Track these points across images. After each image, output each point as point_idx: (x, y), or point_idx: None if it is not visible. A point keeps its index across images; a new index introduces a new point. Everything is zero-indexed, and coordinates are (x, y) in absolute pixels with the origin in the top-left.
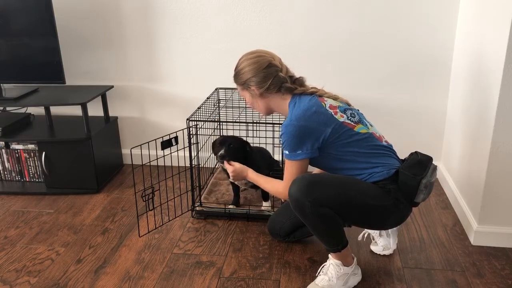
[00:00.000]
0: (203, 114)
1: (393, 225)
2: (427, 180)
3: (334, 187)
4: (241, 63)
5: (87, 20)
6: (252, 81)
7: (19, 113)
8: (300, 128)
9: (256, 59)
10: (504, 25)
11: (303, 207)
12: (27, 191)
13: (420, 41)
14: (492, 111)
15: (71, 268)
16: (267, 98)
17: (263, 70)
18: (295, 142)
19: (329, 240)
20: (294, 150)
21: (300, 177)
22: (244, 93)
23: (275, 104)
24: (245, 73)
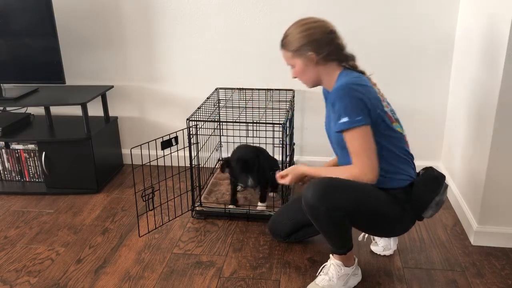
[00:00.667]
0: (203, 114)
1: (396, 235)
2: (440, 198)
3: (351, 193)
4: (298, 27)
5: (87, 20)
6: (311, 45)
7: (19, 113)
8: (356, 92)
9: (317, 23)
10: (504, 24)
11: (318, 213)
12: (27, 191)
13: (420, 41)
14: (492, 111)
15: (71, 268)
16: (321, 67)
17: (326, 34)
18: (353, 105)
19: (337, 242)
20: (354, 116)
21: (316, 181)
22: (295, 61)
23: (326, 75)
24: (304, 37)
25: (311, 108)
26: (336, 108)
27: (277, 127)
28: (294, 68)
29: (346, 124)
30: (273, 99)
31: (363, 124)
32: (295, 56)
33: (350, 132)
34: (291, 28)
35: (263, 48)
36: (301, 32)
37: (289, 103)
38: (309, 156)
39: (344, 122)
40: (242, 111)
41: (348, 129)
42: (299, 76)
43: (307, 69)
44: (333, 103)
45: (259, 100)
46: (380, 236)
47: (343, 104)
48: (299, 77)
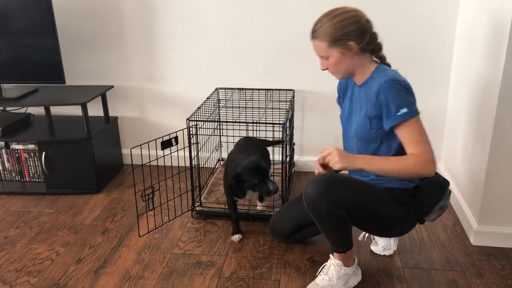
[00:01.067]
0: (203, 114)
1: (396, 235)
2: (444, 203)
3: (352, 190)
4: (336, 16)
5: (87, 20)
6: (352, 34)
7: (19, 113)
8: (406, 83)
9: (355, 12)
10: (504, 24)
11: (319, 207)
12: (27, 191)
13: (420, 41)
14: (492, 111)
15: (71, 268)
16: (357, 57)
17: (364, 23)
18: (409, 96)
19: (337, 241)
20: (411, 105)
21: (317, 177)
22: (331, 51)
23: (360, 67)
24: (344, 25)
25: (311, 108)
26: (388, 102)
27: (277, 127)
28: (326, 60)
29: (407, 114)
30: (273, 99)
31: (419, 113)
32: (333, 46)
33: (410, 121)
34: (326, 17)
35: (263, 48)
36: (341, 21)
37: (289, 103)
38: (309, 156)
39: (404, 112)
40: (242, 111)
41: (409, 119)
42: (333, 67)
43: (343, 59)
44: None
45: (259, 100)
46: (380, 236)
47: (400, 96)
48: (333, 68)
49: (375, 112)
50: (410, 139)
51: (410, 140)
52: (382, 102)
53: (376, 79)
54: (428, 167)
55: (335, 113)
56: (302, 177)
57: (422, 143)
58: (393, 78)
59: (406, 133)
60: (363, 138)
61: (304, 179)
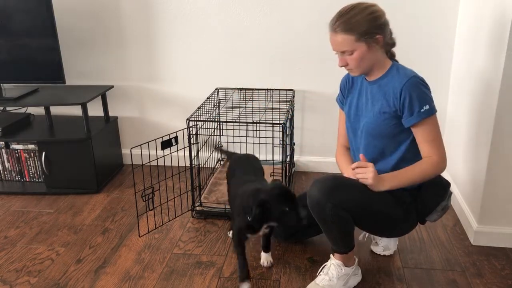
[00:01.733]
0: (203, 114)
1: (396, 236)
2: (446, 204)
3: (356, 191)
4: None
5: (87, 20)
6: (380, 28)
7: (19, 113)
8: (425, 82)
9: (376, 7)
10: (504, 24)
11: (324, 209)
12: (27, 191)
13: (420, 41)
14: (492, 111)
15: (71, 268)
16: (379, 52)
17: (385, 17)
18: (429, 94)
19: (339, 242)
20: (431, 103)
21: (321, 179)
22: (358, 45)
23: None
24: (373, 19)
25: (311, 108)
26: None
27: (277, 127)
28: (350, 55)
29: (429, 111)
30: (273, 99)
31: (436, 111)
32: (360, 40)
33: (430, 118)
34: (353, 11)
35: (263, 48)
36: (369, 14)
37: (289, 103)
38: (309, 156)
39: (427, 109)
40: (242, 111)
41: (429, 116)
42: (356, 62)
43: (368, 54)
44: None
45: (259, 100)
46: (381, 236)
47: (424, 94)
48: (355, 63)
49: (391, 109)
50: (428, 137)
51: (428, 137)
52: (405, 99)
53: (396, 76)
54: (442, 166)
55: (335, 113)
56: (302, 177)
57: (438, 142)
58: (417, 76)
59: (425, 130)
60: (373, 134)
61: (304, 179)
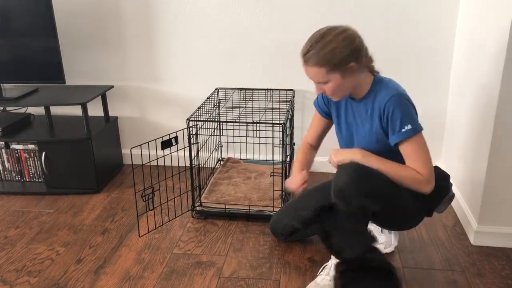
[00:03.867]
0: (203, 114)
1: (407, 228)
2: (452, 194)
3: (384, 185)
4: (333, 38)
5: (87, 20)
6: (353, 55)
7: (19, 113)
8: (409, 98)
9: (347, 32)
10: (504, 25)
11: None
12: (27, 191)
13: (420, 41)
14: (492, 111)
15: (71, 268)
16: (358, 76)
17: (359, 40)
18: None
19: None
20: (415, 122)
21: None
22: (332, 76)
23: (360, 83)
24: (344, 47)
25: (311, 108)
26: (396, 118)
27: (277, 127)
28: (325, 84)
29: (410, 131)
30: (273, 99)
31: (422, 129)
32: (333, 71)
33: (413, 138)
34: (320, 43)
35: (263, 48)
36: (340, 43)
37: (289, 103)
38: None
39: (408, 129)
40: (242, 111)
41: (413, 136)
42: (333, 91)
43: (344, 82)
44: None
45: (259, 100)
46: (392, 229)
47: (406, 111)
48: (332, 91)
49: (379, 126)
50: (412, 156)
51: (412, 157)
52: (388, 117)
53: (379, 92)
54: (426, 187)
55: None
56: None
57: (423, 161)
58: (399, 92)
59: (409, 150)
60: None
61: None
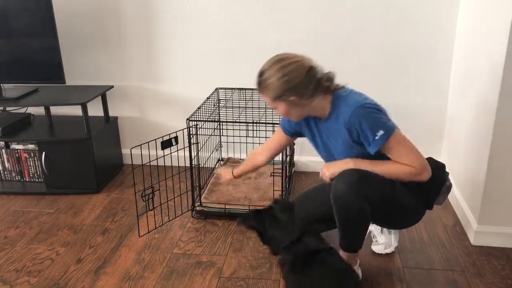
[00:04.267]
0: (203, 114)
1: (410, 225)
2: (449, 184)
3: (381, 185)
4: (275, 71)
5: (87, 20)
6: (293, 91)
7: (19, 113)
8: (372, 104)
9: (294, 64)
10: (504, 25)
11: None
12: (27, 191)
13: (420, 41)
14: (492, 111)
15: (71, 268)
16: (303, 105)
17: (305, 76)
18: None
19: (354, 240)
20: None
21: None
22: (278, 104)
23: (315, 106)
24: (283, 83)
25: None
26: (365, 129)
27: (277, 127)
28: (276, 109)
29: (385, 135)
30: None
31: (395, 127)
32: (277, 101)
33: (390, 140)
34: (267, 72)
35: (263, 48)
36: (279, 79)
37: None
38: (309, 156)
39: (382, 135)
40: (242, 111)
41: (389, 138)
42: (286, 115)
43: (291, 108)
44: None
45: (259, 100)
46: (393, 228)
47: (372, 119)
48: (285, 116)
49: (353, 138)
50: (397, 155)
51: (397, 155)
52: (357, 130)
53: (340, 109)
54: (424, 176)
55: None
56: (302, 177)
57: (411, 155)
58: (359, 104)
59: (391, 151)
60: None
61: (304, 179)
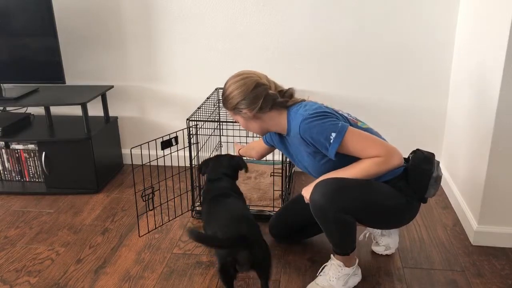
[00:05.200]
0: (203, 114)
1: (406, 223)
2: (437, 174)
3: (358, 192)
4: (228, 87)
5: (87, 20)
6: (242, 104)
7: (19, 113)
8: (318, 113)
9: (243, 81)
10: (504, 25)
11: (326, 214)
12: (27, 191)
13: (420, 41)
14: (492, 111)
15: (71, 268)
16: (261, 118)
17: (252, 91)
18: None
19: (341, 244)
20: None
21: (321, 183)
22: (236, 117)
23: (271, 122)
24: (233, 97)
25: None
26: (317, 138)
27: None
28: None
29: (338, 136)
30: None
31: (347, 125)
32: (235, 114)
33: (345, 139)
34: (226, 85)
35: (263, 48)
36: (234, 90)
37: None
38: None
39: (335, 137)
40: None
41: (344, 138)
42: (245, 128)
43: (248, 123)
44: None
45: None
46: (391, 228)
47: (320, 127)
48: (246, 129)
49: (313, 149)
50: (361, 150)
51: (362, 151)
52: (312, 142)
53: (292, 124)
54: (394, 161)
55: None
56: (302, 177)
57: (373, 145)
58: (303, 116)
59: (351, 149)
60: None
61: (304, 179)
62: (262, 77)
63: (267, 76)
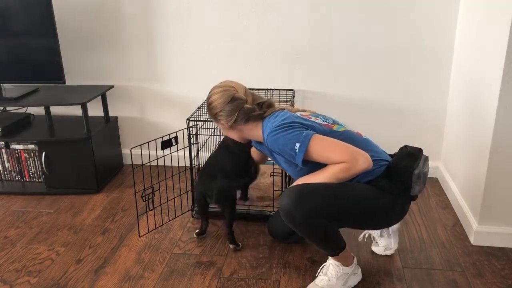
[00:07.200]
0: (203, 114)
1: (395, 222)
2: (420, 171)
3: (327, 197)
4: (210, 96)
5: (87, 20)
6: (220, 115)
7: (19, 113)
8: (285, 124)
9: (221, 93)
10: (504, 25)
11: (294, 219)
12: (27, 191)
13: (420, 41)
14: (492, 111)
15: (71, 268)
16: (237, 129)
17: (228, 104)
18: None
19: (326, 246)
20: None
21: (290, 188)
22: (218, 124)
23: (248, 133)
24: (214, 107)
25: (311, 108)
26: (284, 149)
27: None
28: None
29: (302, 146)
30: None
31: (311, 134)
32: (216, 121)
33: (310, 148)
34: (209, 93)
35: (263, 48)
36: (215, 100)
37: (289, 103)
38: None
39: (300, 146)
40: None
41: (308, 146)
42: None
43: (228, 131)
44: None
45: None
46: (381, 228)
47: (285, 138)
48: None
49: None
50: (327, 157)
51: (328, 158)
52: (280, 153)
53: (264, 136)
54: (359, 165)
55: (334, 114)
56: None
57: (337, 151)
58: (270, 129)
59: (317, 157)
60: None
61: None
62: (240, 91)
63: (246, 88)
